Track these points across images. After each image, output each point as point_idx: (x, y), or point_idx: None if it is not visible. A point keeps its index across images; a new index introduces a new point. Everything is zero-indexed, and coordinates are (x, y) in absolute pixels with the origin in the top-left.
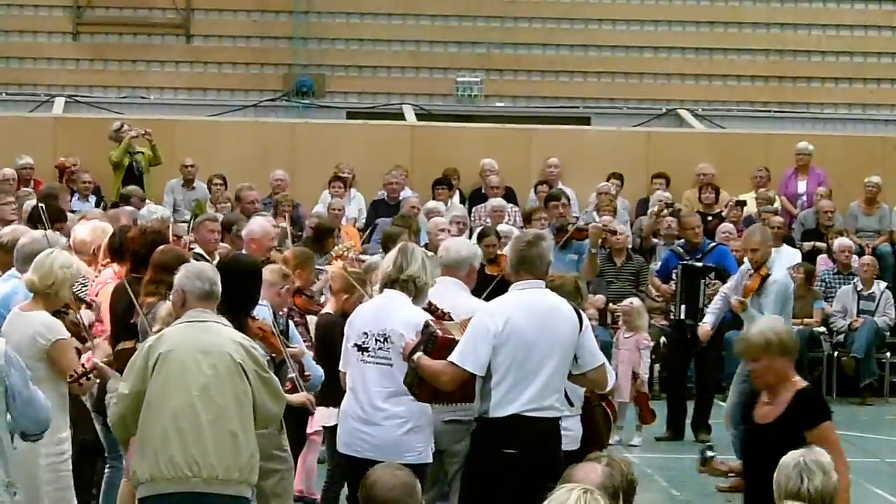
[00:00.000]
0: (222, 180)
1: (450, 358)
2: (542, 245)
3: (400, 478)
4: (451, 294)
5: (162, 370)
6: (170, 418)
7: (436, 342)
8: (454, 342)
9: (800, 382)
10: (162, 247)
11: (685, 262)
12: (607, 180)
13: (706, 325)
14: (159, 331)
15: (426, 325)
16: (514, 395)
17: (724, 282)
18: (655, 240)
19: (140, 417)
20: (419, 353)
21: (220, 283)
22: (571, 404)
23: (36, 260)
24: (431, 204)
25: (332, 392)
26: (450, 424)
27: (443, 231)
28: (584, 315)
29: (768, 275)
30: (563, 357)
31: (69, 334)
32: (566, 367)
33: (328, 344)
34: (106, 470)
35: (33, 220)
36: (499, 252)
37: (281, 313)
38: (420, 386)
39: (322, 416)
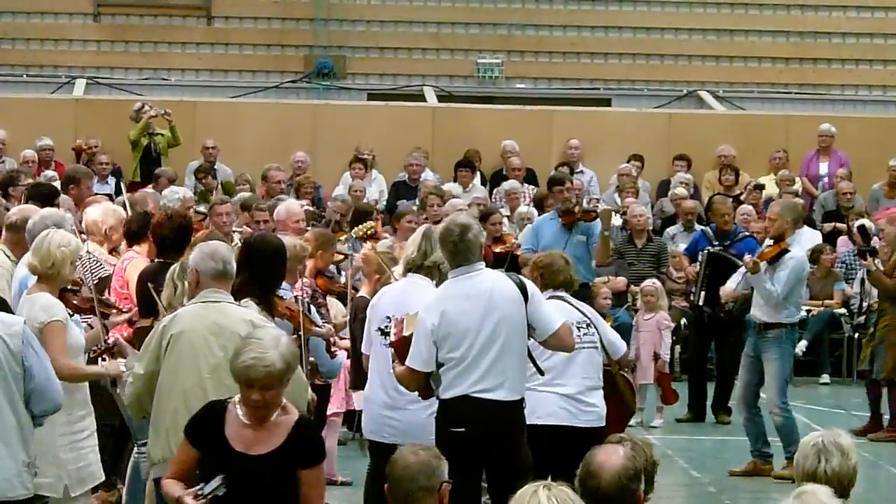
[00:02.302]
0: (204, 173)
1: (406, 361)
2: (469, 236)
3: (420, 457)
4: None
5: (174, 351)
6: (181, 399)
7: (392, 346)
8: (406, 339)
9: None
10: (203, 232)
11: (711, 249)
12: (627, 162)
13: (729, 286)
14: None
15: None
16: (461, 379)
17: None
18: (676, 225)
19: (153, 398)
20: (393, 366)
21: (234, 262)
22: (541, 373)
23: (34, 243)
24: (448, 186)
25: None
26: None
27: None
28: (528, 285)
29: (787, 250)
30: (510, 336)
31: (66, 315)
32: (518, 344)
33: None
34: (133, 455)
35: (33, 198)
36: (504, 231)
37: (300, 294)
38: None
39: (358, 400)
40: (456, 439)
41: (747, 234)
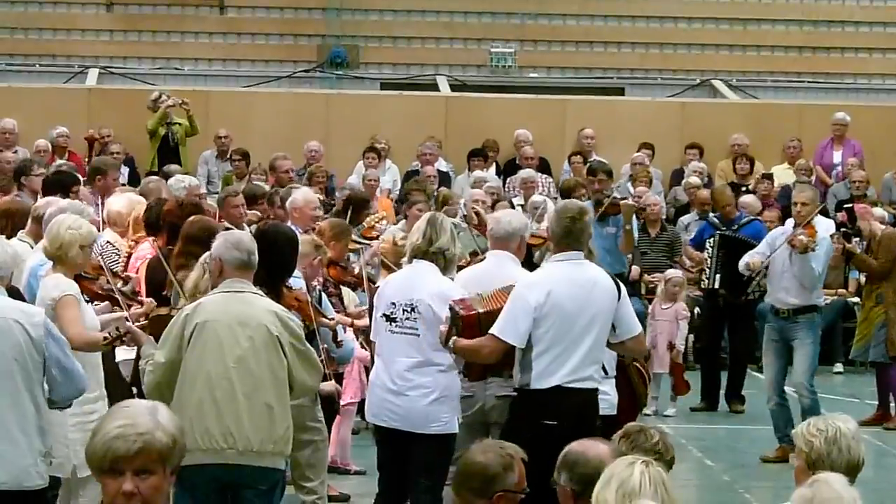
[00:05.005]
0: (241, 155)
1: (491, 330)
2: (586, 219)
3: (487, 459)
4: (503, 268)
5: (198, 341)
6: (205, 389)
7: (463, 322)
8: (479, 316)
9: None
10: (191, 218)
11: (723, 232)
12: (638, 150)
13: (756, 258)
14: (185, 304)
15: (450, 308)
16: (556, 367)
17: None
18: (690, 214)
19: (176, 387)
20: (454, 338)
21: (257, 252)
22: (607, 373)
23: (48, 226)
24: (479, 174)
25: None
26: (503, 399)
27: (476, 202)
28: (621, 285)
29: (816, 232)
30: (602, 328)
31: (79, 291)
32: (605, 338)
33: None
34: None
35: (49, 185)
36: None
37: (315, 284)
38: (468, 366)
39: None
40: (545, 431)
41: (751, 217)
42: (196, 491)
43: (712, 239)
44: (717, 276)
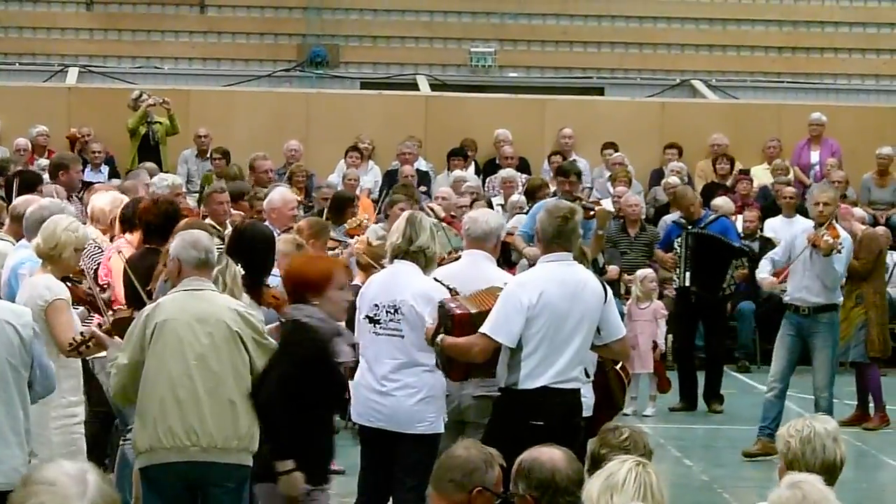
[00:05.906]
0: (221, 154)
1: (481, 329)
2: (575, 220)
3: (469, 453)
4: (479, 266)
5: (159, 340)
6: (167, 388)
7: (454, 320)
8: (472, 316)
9: None
10: (187, 219)
11: (691, 230)
12: (601, 150)
13: (767, 278)
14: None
15: (440, 305)
16: (544, 367)
17: (753, 267)
18: (672, 214)
19: (139, 387)
20: (441, 336)
21: (215, 251)
22: (588, 376)
23: (43, 225)
24: (458, 173)
25: None
26: (479, 399)
27: (436, 199)
28: (608, 288)
29: (838, 233)
30: (589, 330)
31: (69, 296)
32: (591, 340)
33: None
34: (120, 443)
35: (10, 190)
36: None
37: None
38: (451, 365)
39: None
40: (531, 431)
41: (718, 215)
42: (164, 490)
43: (680, 238)
44: (688, 273)
